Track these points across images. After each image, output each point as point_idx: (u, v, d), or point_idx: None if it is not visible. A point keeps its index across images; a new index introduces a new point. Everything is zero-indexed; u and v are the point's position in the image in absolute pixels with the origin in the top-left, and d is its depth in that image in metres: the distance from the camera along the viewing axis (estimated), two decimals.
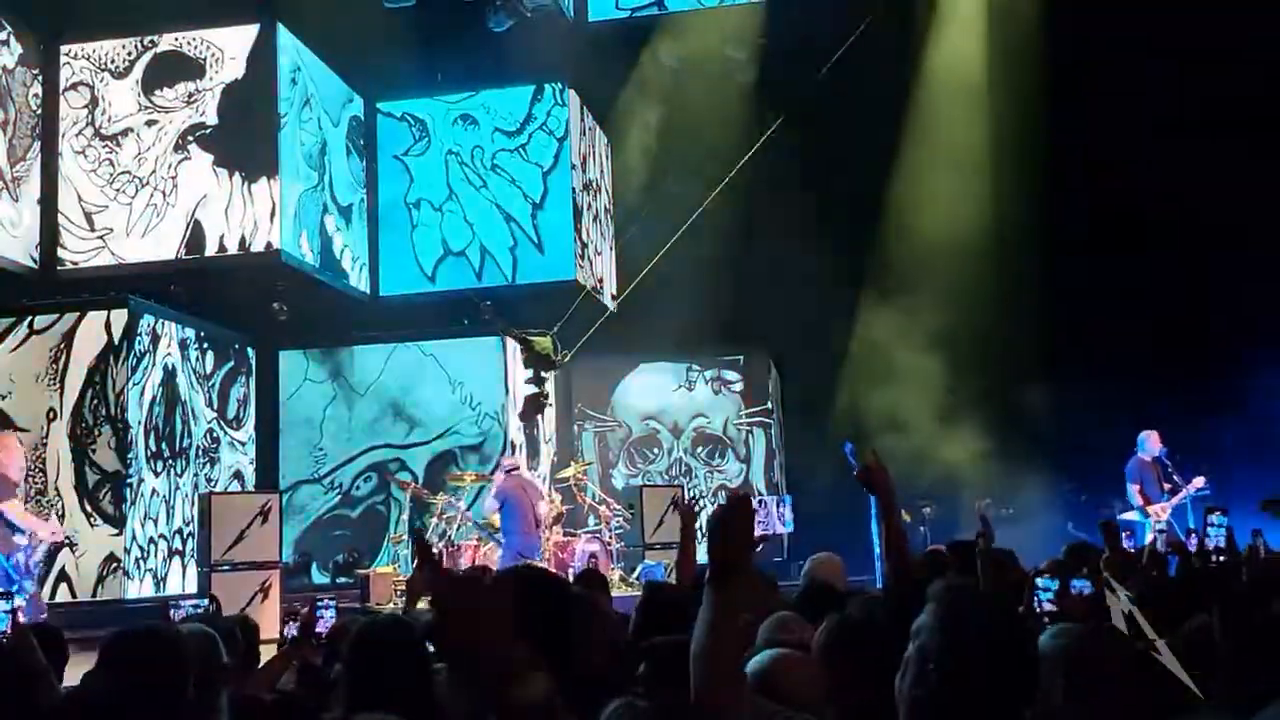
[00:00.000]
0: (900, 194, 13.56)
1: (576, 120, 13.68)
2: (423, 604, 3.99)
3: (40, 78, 11.29)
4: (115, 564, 10.27)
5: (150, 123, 11.45)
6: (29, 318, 10.65)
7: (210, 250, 11.27)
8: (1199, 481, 10.25)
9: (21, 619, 6.35)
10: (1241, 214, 12.35)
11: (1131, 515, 10.58)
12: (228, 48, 11.47)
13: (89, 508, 10.37)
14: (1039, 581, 4.36)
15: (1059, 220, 12.67)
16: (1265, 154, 12.19)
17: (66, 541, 8.95)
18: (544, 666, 2.11)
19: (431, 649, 2.78)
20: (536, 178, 13.37)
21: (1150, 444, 10.65)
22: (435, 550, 9.46)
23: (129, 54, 11.51)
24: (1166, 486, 10.39)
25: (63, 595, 10.08)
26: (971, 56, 13.61)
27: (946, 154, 13.43)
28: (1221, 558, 6.19)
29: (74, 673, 3.94)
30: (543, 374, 12.79)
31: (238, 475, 12.48)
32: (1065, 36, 12.36)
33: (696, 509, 4.98)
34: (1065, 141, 12.68)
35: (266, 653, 4.98)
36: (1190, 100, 12.55)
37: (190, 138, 11.41)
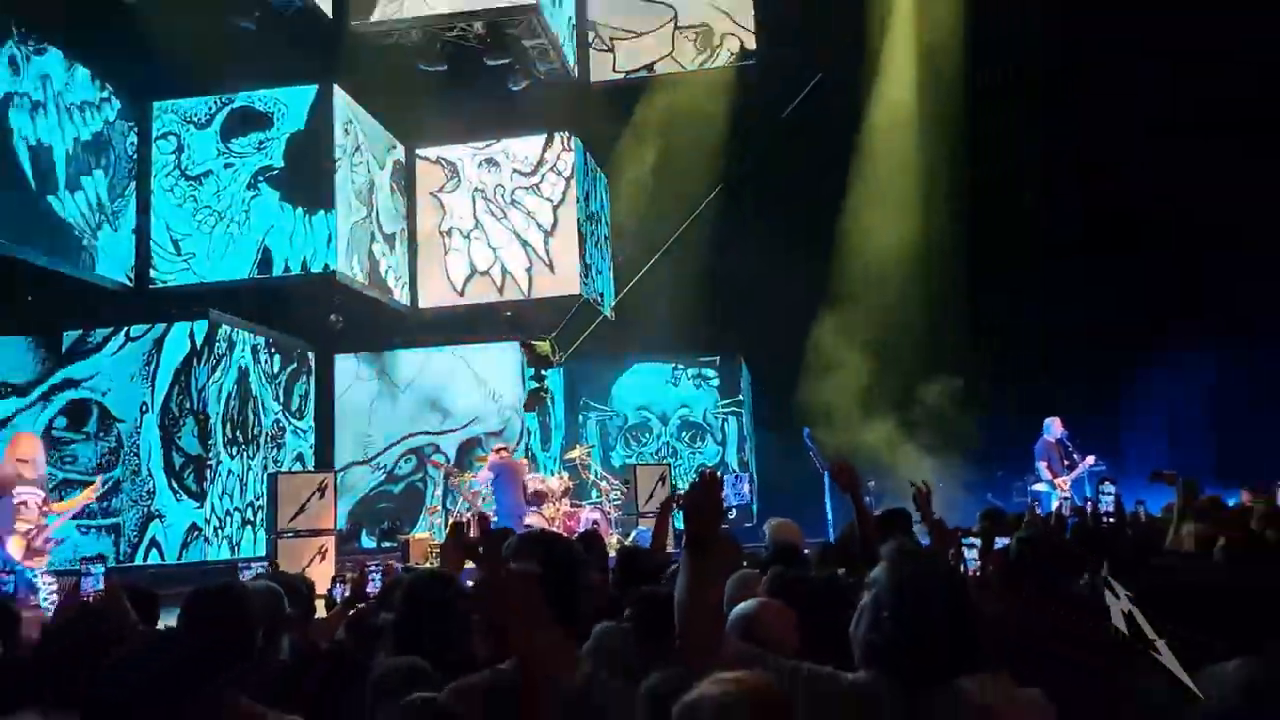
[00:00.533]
0: (848, 222, 13.47)
1: (581, 163, 13.68)
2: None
3: (135, 129, 11.35)
4: (197, 532, 10.33)
5: (227, 165, 11.50)
6: (125, 327, 10.73)
7: (277, 271, 11.32)
8: (1091, 459, 10.36)
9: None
10: (1150, 228, 12.11)
11: (1041, 487, 10.68)
12: (292, 104, 11.53)
13: (175, 485, 10.42)
14: (965, 540, 4.40)
15: (978, 239, 12.47)
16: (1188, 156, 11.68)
17: (105, 484, 8.64)
18: (557, 617, 2.16)
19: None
20: (548, 210, 13.39)
21: (1054, 428, 10.73)
22: (464, 520, 9.50)
23: (210, 109, 11.58)
24: (1066, 463, 10.49)
25: (154, 559, 10.19)
26: (905, 104, 13.63)
27: (885, 187, 13.43)
28: (1110, 519, 6.29)
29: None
30: (543, 372, 12.82)
31: (299, 457, 12.50)
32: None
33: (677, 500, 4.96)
34: (973, 170, 12.51)
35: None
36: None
37: (260, 178, 11.46)
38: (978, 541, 4.46)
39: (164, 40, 9.78)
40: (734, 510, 12.48)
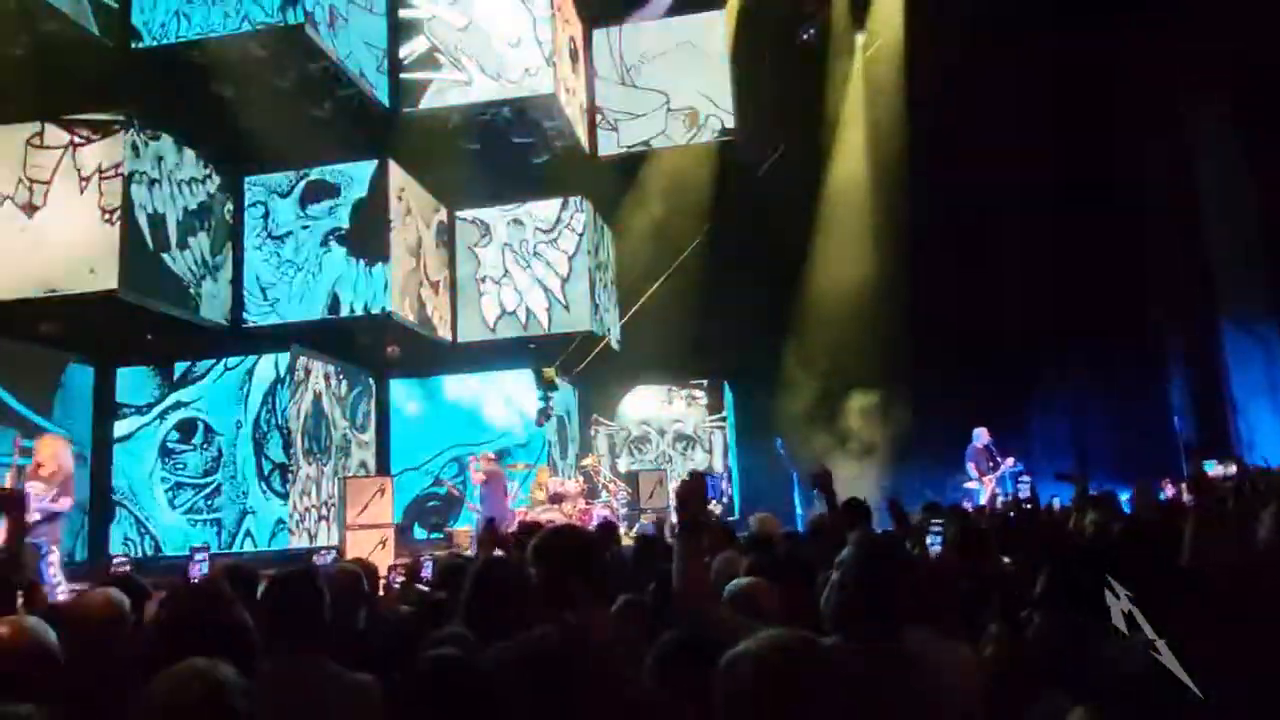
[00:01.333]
0: (812, 268, 13.67)
1: (591, 221, 13.75)
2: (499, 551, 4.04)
3: (231, 199, 11.43)
4: (282, 524, 10.39)
5: (304, 227, 11.54)
6: (224, 359, 10.83)
7: (344, 312, 11.31)
8: (1010, 461, 10.46)
9: None
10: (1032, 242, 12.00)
11: (972, 485, 10.75)
12: (356, 176, 11.60)
13: (264, 487, 10.47)
14: (930, 527, 4.49)
15: (920, 284, 12.56)
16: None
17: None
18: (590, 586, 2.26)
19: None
20: (564, 261, 13.43)
21: (982, 436, 10.83)
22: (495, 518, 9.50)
23: (290, 181, 11.64)
24: (991, 465, 10.57)
25: (248, 546, 10.24)
26: (858, 170, 13.82)
27: (840, 237, 13.56)
28: (1028, 504, 6.43)
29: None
30: (549, 393, 12.78)
31: (363, 464, 12.51)
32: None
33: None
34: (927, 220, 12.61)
35: None
36: None
37: (330, 237, 11.50)
38: (941, 527, 4.54)
39: (254, 127, 9.98)
40: (720, 505, 12.54)
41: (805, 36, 13.70)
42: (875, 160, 13.58)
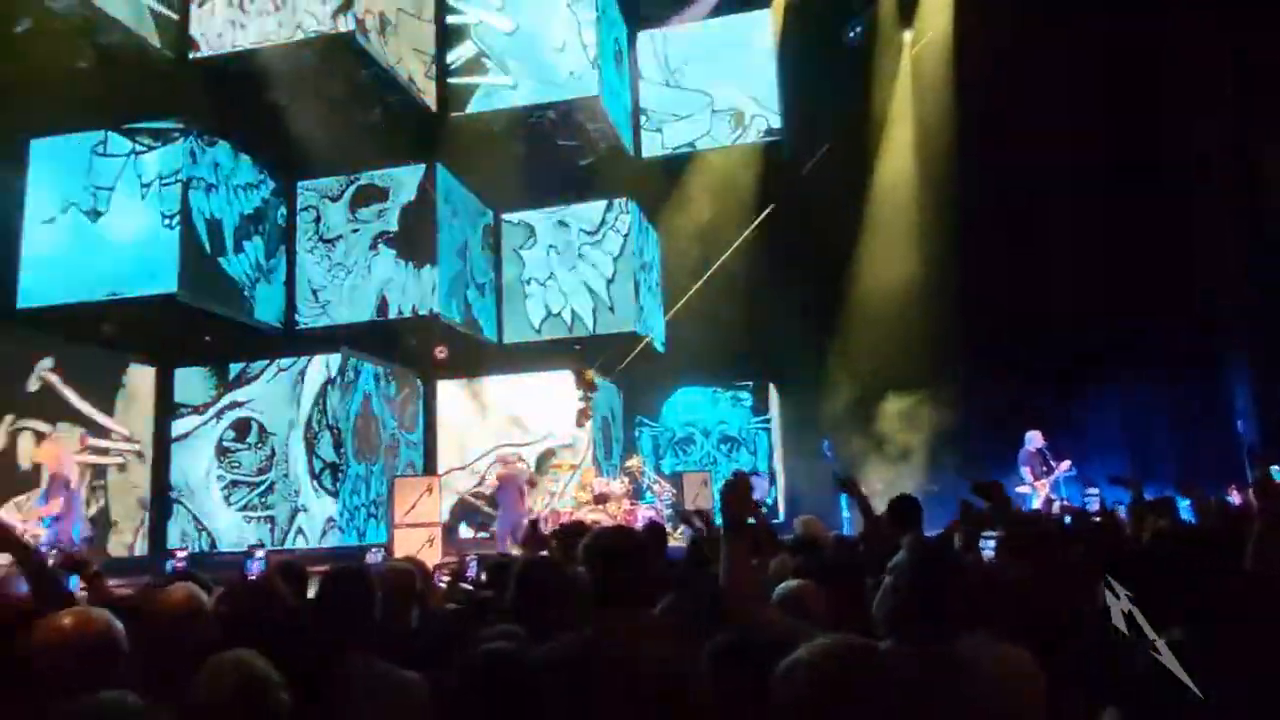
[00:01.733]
0: (859, 267, 13.48)
1: (635, 222, 13.74)
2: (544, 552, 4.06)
3: (284, 203, 11.68)
4: (332, 523, 10.55)
5: (354, 230, 11.73)
6: (277, 360, 11.03)
7: (392, 314, 11.46)
8: (1065, 465, 10.16)
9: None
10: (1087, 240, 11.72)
11: (1024, 489, 10.48)
12: (405, 180, 11.73)
13: (315, 485, 10.64)
14: (984, 534, 4.40)
15: (968, 282, 12.25)
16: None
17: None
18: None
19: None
20: (608, 263, 13.43)
21: (1035, 440, 10.55)
22: (542, 518, 9.54)
23: (340, 186, 11.84)
24: (1045, 469, 10.30)
25: (300, 544, 10.42)
26: (905, 167, 13.62)
27: (888, 236, 13.37)
28: (1097, 517, 6.28)
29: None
30: (589, 394, 12.71)
31: (411, 464, 12.62)
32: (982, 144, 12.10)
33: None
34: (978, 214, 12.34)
35: None
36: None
37: (380, 240, 11.67)
38: (995, 534, 4.44)
39: (306, 133, 10.18)
40: (765, 507, 12.45)
41: (852, 34, 13.56)
42: (923, 157, 13.37)
